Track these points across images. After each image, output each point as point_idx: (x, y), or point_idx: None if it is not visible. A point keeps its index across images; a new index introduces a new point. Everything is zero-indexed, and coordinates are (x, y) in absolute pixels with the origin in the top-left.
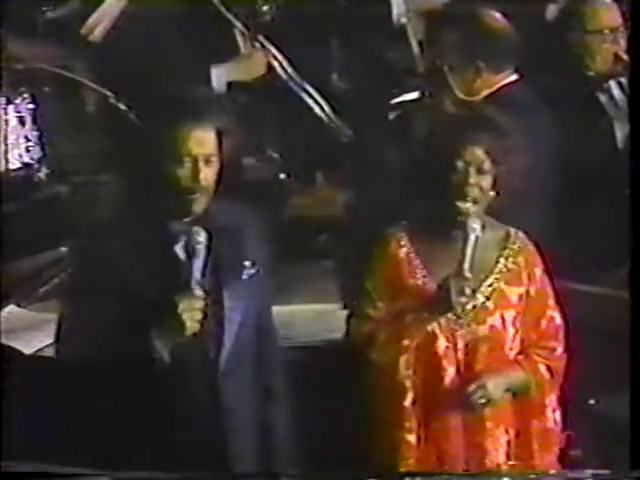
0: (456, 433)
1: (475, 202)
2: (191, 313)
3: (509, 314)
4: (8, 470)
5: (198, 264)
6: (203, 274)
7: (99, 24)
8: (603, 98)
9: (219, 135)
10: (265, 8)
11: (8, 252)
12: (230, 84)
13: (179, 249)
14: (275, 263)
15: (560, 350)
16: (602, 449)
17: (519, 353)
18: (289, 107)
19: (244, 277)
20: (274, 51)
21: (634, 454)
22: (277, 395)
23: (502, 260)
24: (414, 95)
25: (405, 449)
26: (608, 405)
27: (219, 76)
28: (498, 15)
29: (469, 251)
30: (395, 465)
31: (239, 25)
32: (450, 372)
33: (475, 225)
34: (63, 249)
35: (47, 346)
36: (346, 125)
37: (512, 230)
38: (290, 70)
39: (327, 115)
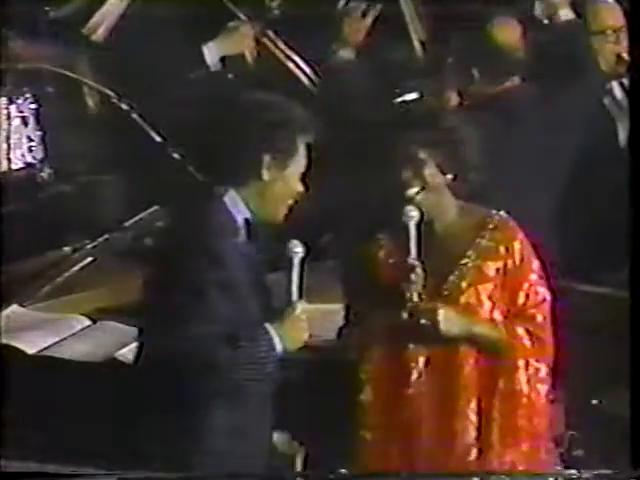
0: (423, 426)
1: (422, 189)
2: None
3: (485, 288)
4: (8, 470)
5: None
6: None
7: (102, 24)
8: (606, 99)
9: None
10: (273, 4)
11: (11, 252)
12: (224, 60)
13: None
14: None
15: (540, 318)
16: (604, 449)
17: None
18: None
19: None
20: (282, 46)
21: (635, 454)
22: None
23: (477, 240)
24: (414, 95)
25: (363, 447)
26: (610, 405)
27: (211, 52)
28: (511, 24)
29: (412, 238)
30: (354, 464)
31: (247, 22)
32: (420, 362)
33: (412, 213)
34: (66, 249)
35: (50, 346)
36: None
37: (492, 212)
38: (302, 65)
39: None
